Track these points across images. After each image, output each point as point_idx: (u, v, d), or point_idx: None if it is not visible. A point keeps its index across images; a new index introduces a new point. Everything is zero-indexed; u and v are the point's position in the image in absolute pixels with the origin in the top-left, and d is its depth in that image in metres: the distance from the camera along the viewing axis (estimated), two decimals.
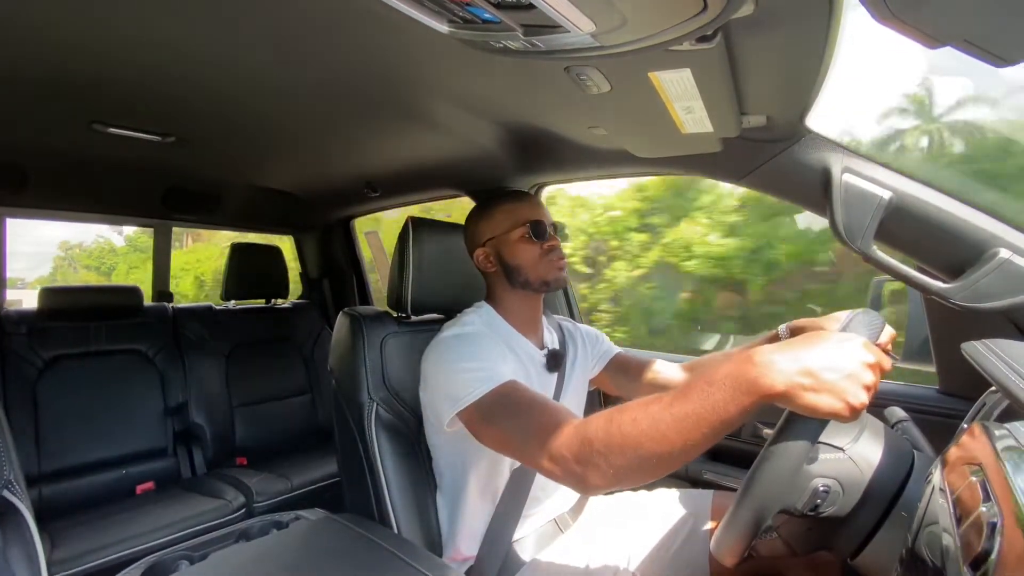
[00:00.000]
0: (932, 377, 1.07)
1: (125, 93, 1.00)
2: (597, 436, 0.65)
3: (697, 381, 0.60)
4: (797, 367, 0.55)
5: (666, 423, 0.59)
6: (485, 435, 0.82)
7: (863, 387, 0.54)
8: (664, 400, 0.61)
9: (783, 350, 0.57)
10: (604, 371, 1.18)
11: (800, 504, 0.64)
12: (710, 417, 0.57)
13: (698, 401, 0.58)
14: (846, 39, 0.63)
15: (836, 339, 0.57)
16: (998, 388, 0.63)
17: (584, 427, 0.68)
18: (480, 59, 0.63)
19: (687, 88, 0.70)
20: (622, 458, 0.63)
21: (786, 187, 0.97)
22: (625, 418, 0.63)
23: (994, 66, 0.49)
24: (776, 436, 0.58)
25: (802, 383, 0.54)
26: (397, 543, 0.87)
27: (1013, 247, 0.78)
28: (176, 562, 0.89)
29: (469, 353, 0.87)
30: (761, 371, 0.56)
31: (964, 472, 0.47)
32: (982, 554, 0.38)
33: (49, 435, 1.70)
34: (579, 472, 0.67)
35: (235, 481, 1.82)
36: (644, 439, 0.61)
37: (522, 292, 1.03)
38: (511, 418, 0.77)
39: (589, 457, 0.65)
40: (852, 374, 0.54)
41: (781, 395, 0.55)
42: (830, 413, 0.54)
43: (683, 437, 0.59)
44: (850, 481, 0.64)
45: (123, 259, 13.37)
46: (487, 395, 0.80)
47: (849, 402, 0.54)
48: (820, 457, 0.64)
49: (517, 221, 1.01)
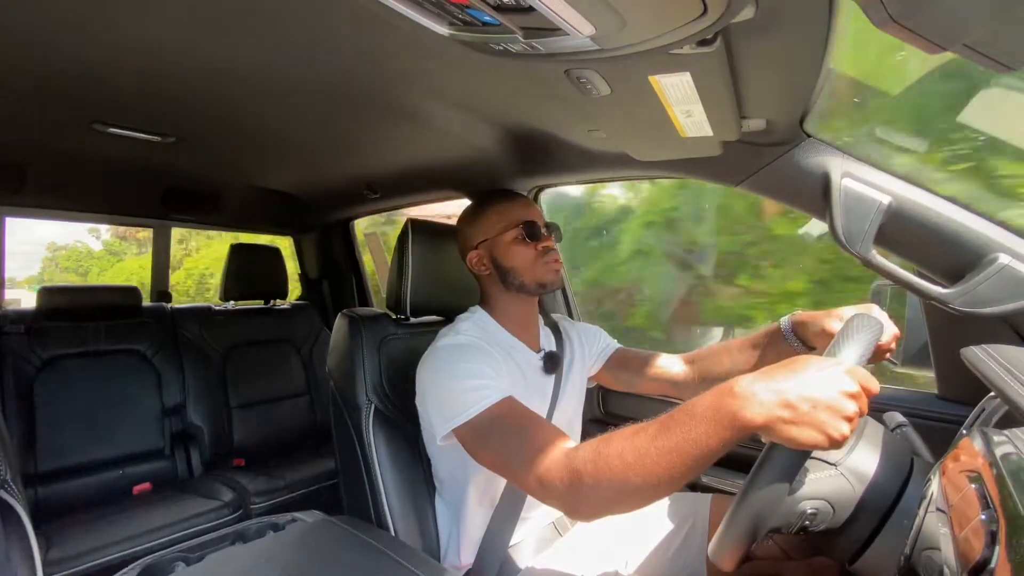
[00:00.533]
0: (931, 382, 1.07)
1: (125, 93, 1.00)
2: (585, 469, 0.66)
3: (680, 412, 0.60)
4: (776, 399, 0.55)
5: (651, 457, 0.60)
6: (478, 455, 0.82)
7: (843, 418, 0.53)
8: (649, 432, 0.62)
9: (764, 380, 0.57)
10: (604, 367, 1.17)
11: (788, 527, 0.63)
12: (693, 451, 0.58)
13: (681, 435, 0.59)
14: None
15: (817, 367, 0.56)
16: (997, 394, 0.63)
17: (573, 458, 0.68)
18: (480, 62, 0.63)
19: (687, 92, 0.70)
20: (610, 491, 0.64)
21: (785, 191, 0.97)
22: (612, 451, 0.64)
23: (995, 71, 0.49)
24: (757, 469, 0.58)
25: (781, 416, 0.54)
26: (394, 546, 0.87)
27: (1013, 252, 0.78)
28: (172, 563, 0.89)
29: (464, 369, 0.86)
30: (741, 404, 0.56)
31: (963, 479, 0.47)
32: (981, 562, 0.38)
33: (46, 435, 1.69)
34: (570, 502, 0.69)
35: (232, 482, 1.82)
36: (630, 473, 0.62)
37: (517, 295, 1.02)
38: (504, 441, 0.77)
39: (579, 489, 0.66)
40: (831, 406, 0.53)
41: (761, 428, 0.55)
42: (810, 445, 0.54)
43: (668, 471, 0.59)
44: (841, 499, 0.63)
45: (97, 263, 13.40)
46: (481, 415, 0.80)
47: (829, 434, 0.53)
48: (809, 477, 0.64)
49: (510, 222, 1.00)
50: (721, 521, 0.62)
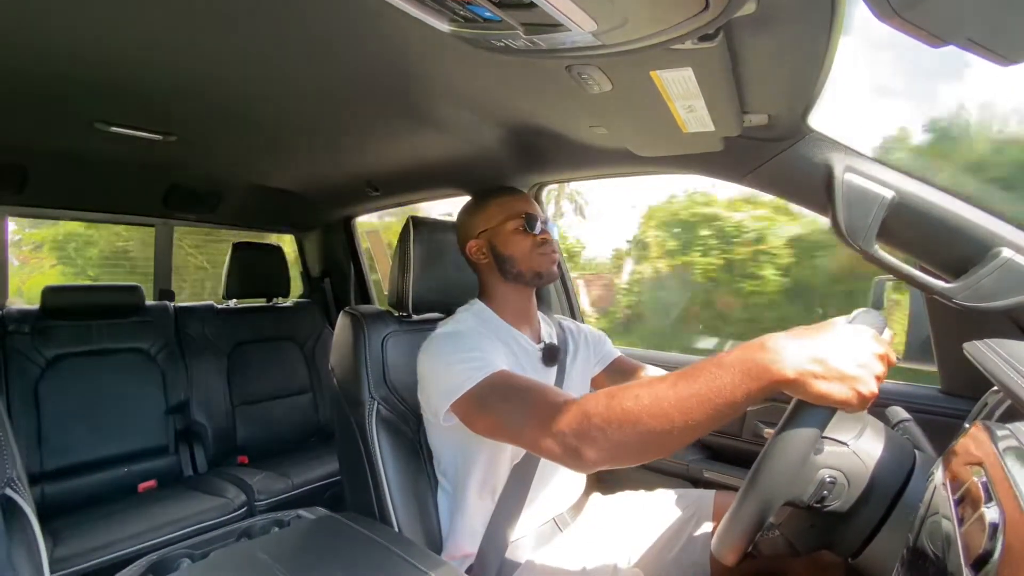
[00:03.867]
0: (934, 377, 1.07)
1: (127, 93, 1.00)
2: (597, 410, 0.64)
3: (706, 363, 0.59)
4: (808, 354, 0.55)
5: (669, 401, 0.59)
6: (480, 423, 0.81)
7: (874, 376, 0.54)
8: (669, 379, 0.61)
9: (794, 337, 0.57)
10: (603, 373, 1.18)
11: (807, 496, 0.63)
12: (716, 399, 0.57)
13: (705, 382, 0.58)
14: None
15: (847, 328, 0.57)
16: (1000, 388, 0.63)
17: (584, 402, 0.67)
18: (481, 58, 0.63)
19: (689, 87, 0.70)
20: (620, 433, 0.62)
21: (788, 186, 0.97)
22: (627, 394, 0.63)
23: (997, 65, 0.49)
24: (784, 424, 0.58)
25: (813, 371, 0.54)
26: (398, 541, 0.87)
27: (1015, 246, 0.78)
28: (177, 560, 0.89)
29: (462, 346, 0.88)
30: (773, 356, 0.55)
31: (966, 472, 0.47)
32: (984, 555, 0.38)
33: (51, 433, 1.70)
34: (575, 446, 0.66)
35: (236, 480, 1.83)
36: (645, 415, 0.60)
37: (514, 285, 1.03)
38: (505, 402, 0.77)
39: (587, 431, 0.65)
40: (863, 363, 0.54)
41: (791, 382, 0.54)
42: (840, 402, 0.54)
43: (685, 416, 0.58)
44: (855, 474, 0.64)
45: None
46: (480, 383, 0.80)
47: (859, 391, 0.54)
48: (826, 450, 0.64)
49: (511, 213, 1.02)
50: (724, 517, 0.62)
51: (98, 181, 1.73)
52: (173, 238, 2.36)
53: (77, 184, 1.75)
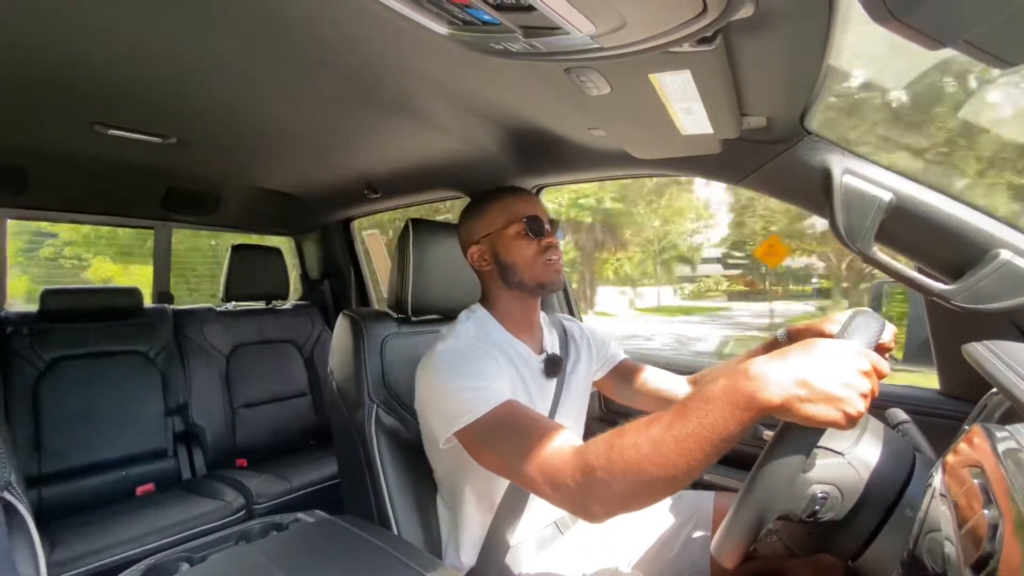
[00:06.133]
0: (932, 379, 1.07)
1: (126, 95, 1.00)
2: (599, 463, 0.63)
3: (694, 399, 0.59)
4: (793, 378, 0.54)
5: (668, 446, 0.59)
6: (482, 458, 0.80)
7: (860, 395, 0.54)
8: (663, 420, 0.61)
9: (777, 360, 0.57)
10: (608, 376, 1.16)
11: (798, 511, 0.63)
12: (711, 436, 0.57)
13: (697, 420, 0.57)
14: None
15: (830, 346, 0.56)
16: (999, 390, 0.63)
17: (584, 453, 0.66)
18: (480, 61, 0.63)
19: (687, 90, 0.70)
20: (625, 484, 0.62)
21: (786, 189, 0.97)
22: (626, 442, 0.62)
23: (995, 67, 0.49)
24: (772, 445, 0.58)
25: (798, 394, 0.54)
26: (397, 545, 0.87)
27: (1014, 248, 0.78)
28: (176, 564, 0.89)
29: (464, 371, 0.84)
30: (757, 384, 0.55)
31: (965, 475, 0.47)
32: (984, 557, 0.38)
33: (49, 436, 1.70)
34: (582, 501, 0.66)
35: (235, 483, 1.82)
36: (647, 463, 0.60)
37: (517, 293, 1.00)
38: (508, 441, 0.75)
39: (592, 486, 0.64)
40: (848, 383, 0.54)
41: (778, 408, 0.55)
42: (827, 423, 0.54)
43: (686, 459, 0.58)
44: (849, 486, 0.63)
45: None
46: (483, 417, 0.78)
47: (846, 411, 0.53)
48: (818, 463, 0.64)
49: (513, 217, 0.98)
50: (724, 518, 0.62)
51: (97, 183, 1.73)
52: (171, 240, 2.36)
53: (76, 186, 1.75)
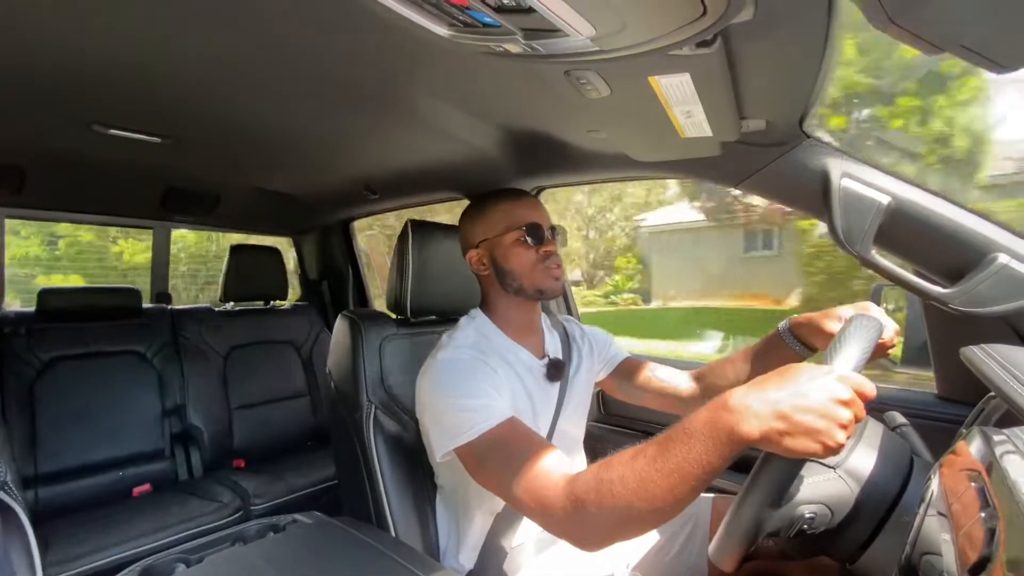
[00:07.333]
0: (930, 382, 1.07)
1: (125, 95, 1.00)
2: (588, 497, 0.65)
3: (677, 431, 0.60)
4: (771, 411, 0.54)
5: (653, 481, 0.60)
6: (478, 476, 0.81)
7: (838, 426, 0.53)
8: (648, 454, 0.61)
9: (757, 391, 0.57)
10: (611, 376, 1.16)
11: (785, 531, 0.63)
12: (695, 469, 0.58)
13: (681, 455, 0.58)
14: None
15: (809, 376, 0.56)
16: (997, 393, 0.63)
17: (575, 485, 0.67)
18: (480, 62, 0.64)
19: (687, 92, 0.70)
20: (614, 518, 0.63)
21: (785, 192, 0.98)
22: (614, 476, 0.63)
23: (992, 72, 0.49)
24: (755, 474, 0.58)
25: (777, 428, 0.54)
26: (395, 547, 0.86)
27: (1011, 252, 0.78)
28: (172, 565, 0.88)
29: (463, 387, 0.84)
30: (737, 418, 0.56)
31: (963, 478, 0.47)
32: (981, 561, 0.38)
33: (46, 436, 1.69)
34: (572, 531, 0.68)
35: (232, 484, 1.82)
36: (634, 499, 0.61)
37: (516, 298, 0.99)
38: (503, 465, 0.76)
39: (582, 517, 0.66)
40: (826, 414, 0.53)
41: (758, 441, 0.55)
42: (807, 455, 0.54)
43: (672, 493, 0.59)
44: (839, 502, 0.63)
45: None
46: (481, 437, 0.79)
47: (824, 443, 0.53)
48: (807, 481, 0.64)
49: (513, 223, 0.97)
50: (722, 522, 0.62)
51: (96, 183, 1.72)
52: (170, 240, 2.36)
53: (75, 186, 1.74)
